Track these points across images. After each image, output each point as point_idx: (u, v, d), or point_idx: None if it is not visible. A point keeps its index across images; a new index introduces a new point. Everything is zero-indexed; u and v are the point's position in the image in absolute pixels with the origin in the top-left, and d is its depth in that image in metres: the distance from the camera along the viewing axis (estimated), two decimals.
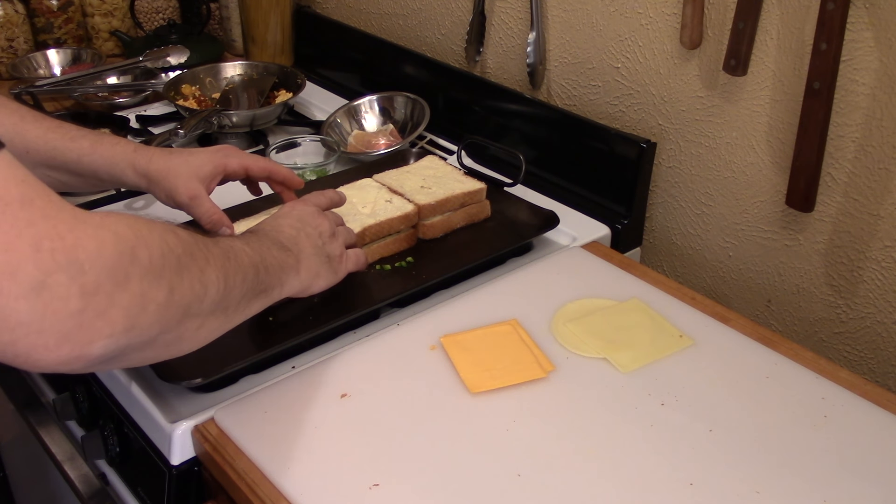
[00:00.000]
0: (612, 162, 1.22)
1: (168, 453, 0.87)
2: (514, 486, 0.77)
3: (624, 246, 1.22)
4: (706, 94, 1.14)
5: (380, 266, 1.08)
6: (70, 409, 1.04)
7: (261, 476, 0.80)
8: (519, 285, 1.05)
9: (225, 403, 0.87)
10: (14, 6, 1.70)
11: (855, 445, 0.82)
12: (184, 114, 1.43)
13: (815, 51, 0.96)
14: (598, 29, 1.25)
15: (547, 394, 0.88)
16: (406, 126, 1.44)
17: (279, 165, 1.06)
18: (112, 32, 1.82)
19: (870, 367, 1.08)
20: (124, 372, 0.93)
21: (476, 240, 1.14)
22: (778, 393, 0.88)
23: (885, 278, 1.03)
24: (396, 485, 0.77)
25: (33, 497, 1.56)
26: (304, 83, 1.52)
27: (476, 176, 1.20)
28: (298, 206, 0.93)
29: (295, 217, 0.91)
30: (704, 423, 0.84)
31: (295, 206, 0.94)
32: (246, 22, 1.75)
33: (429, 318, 0.99)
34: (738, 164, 1.14)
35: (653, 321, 0.98)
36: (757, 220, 1.14)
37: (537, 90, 1.38)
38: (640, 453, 0.81)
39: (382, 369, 0.91)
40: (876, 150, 0.99)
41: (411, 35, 1.61)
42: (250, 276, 0.75)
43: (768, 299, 1.16)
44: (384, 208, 1.09)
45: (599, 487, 0.77)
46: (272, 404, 0.87)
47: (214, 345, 0.93)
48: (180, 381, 0.87)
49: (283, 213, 0.91)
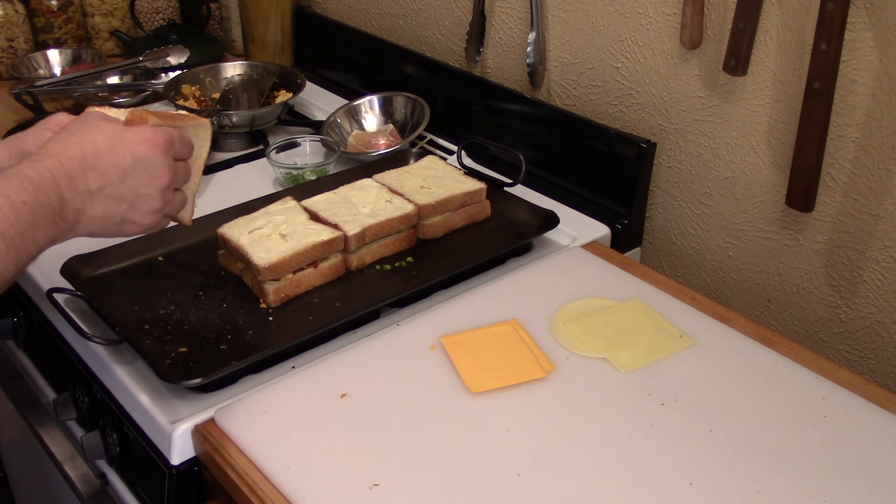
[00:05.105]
0: (612, 162, 1.22)
1: (168, 453, 0.87)
2: (514, 486, 0.77)
3: (624, 246, 1.22)
4: (706, 94, 1.14)
5: (380, 266, 1.08)
6: (70, 409, 1.04)
7: (261, 476, 0.80)
8: (519, 285, 1.05)
9: (225, 403, 0.87)
10: (14, 6, 1.70)
11: (855, 445, 0.82)
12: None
13: (815, 51, 0.96)
14: (598, 29, 1.25)
15: (547, 394, 0.88)
16: (406, 126, 1.44)
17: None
18: (112, 32, 1.82)
19: (870, 367, 1.08)
20: (125, 372, 0.93)
21: (476, 240, 1.14)
22: (778, 393, 0.88)
23: (885, 278, 1.03)
24: (396, 485, 0.77)
25: (33, 497, 1.56)
26: (304, 83, 1.52)
27: (476, 176, 1.20)
28: (152, 148, 0.80)
29: (132, 162, 0.79)
30: (704, 423, 0.84)
31: (154, 141, 0.81)
32: (246, 22, 1.75)
33: (429, 318, 0.99)
34: (738, 164, 1.14)
35: (653, 321, 0.98)
36: (757, 220, 1.14)
37: (537, 90, 1.38)
38: (641, 453, 0.81)
39: (382, 369, 0.91)
40: (876, 150, 0.99)
41: (411, 35, 1.61)
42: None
43: (768, 299, 1.16)
44: (384, 208, 1.09)
45: (599, 487, 0.77)
46: (272, 404, 0.87)
47: (214, 345, 0.93)
48: (180, 381, 0.87)
49: (125, 150, 0.78)
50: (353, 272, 1.06)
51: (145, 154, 0.80)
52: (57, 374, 1.14)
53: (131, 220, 0.82)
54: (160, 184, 0.82)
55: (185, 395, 0.89)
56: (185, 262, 1.08)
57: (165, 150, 0.82)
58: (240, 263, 1.03)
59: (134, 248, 1.08)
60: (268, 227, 1.04)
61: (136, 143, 0.79)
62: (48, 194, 0.72)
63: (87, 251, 1.05)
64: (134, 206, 0.81)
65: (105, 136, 0.79)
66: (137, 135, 0.80)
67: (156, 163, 0.81)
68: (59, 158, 0.75)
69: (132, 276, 1.05)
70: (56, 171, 0.74)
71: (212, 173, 1.35)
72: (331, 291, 1.03)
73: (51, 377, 1.17)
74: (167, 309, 0.99)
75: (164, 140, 0.82)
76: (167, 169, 0.82)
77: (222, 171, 1.36)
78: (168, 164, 0.82)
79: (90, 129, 0.79)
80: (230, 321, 0.97)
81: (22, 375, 1.23)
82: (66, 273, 1.02)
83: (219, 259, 1.07)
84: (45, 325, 1.09)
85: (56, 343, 1.06)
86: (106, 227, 0.81)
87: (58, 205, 0.73)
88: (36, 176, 0.72)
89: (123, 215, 0.81)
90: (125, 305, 0.99)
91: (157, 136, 0.81)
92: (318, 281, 1.03)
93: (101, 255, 1.06)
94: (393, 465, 0.79)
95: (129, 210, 0.81)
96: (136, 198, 0.81)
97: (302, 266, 1.01)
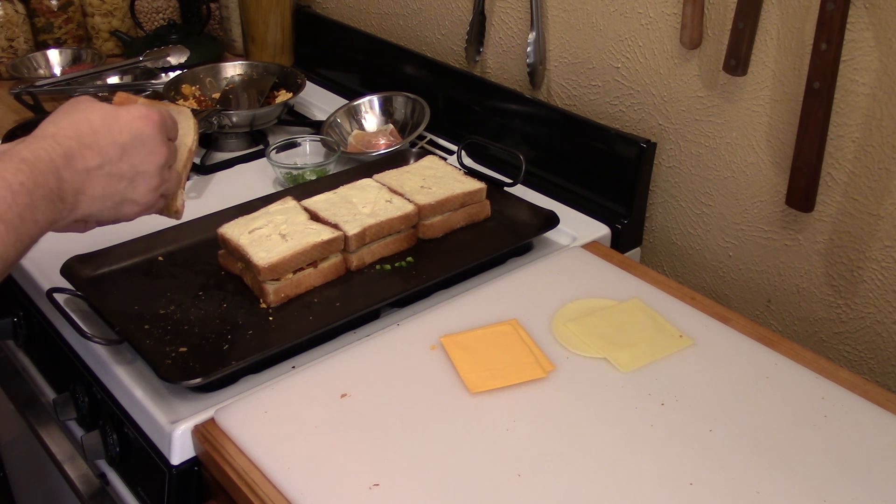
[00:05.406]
0: (612, 162, 1.22)
1: (168, 453, 0.87)
2: (514, 486, 0.77)
3: (624, 246, 1.22)
4: (706, 94, 1.14)
5: (380, 266, 1.08)
6: (70, 409, 1.04)
7: (261, 476, 0.80)
8: (519, 285, 1.05)
9: (225, 403, 0.87)
10: (14, 6, 1.70)
11: (855, 445, 0.82)
12: None
13: (815, 51, 0.96)
14: (598, 29, 1.25)
15: (547, 394, 0.88)
16: (406, 126, 1.44)
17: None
18: (112, 32, 1.82)
19: (870, 367, 1.08)
20: (125, 372, 0.93)
21: (476, 240, 1.14)
22: (778, 393, 0.88)
23: (885, 278, 1.03)
24: (396, 485, 0.77)
25: (33, 497, 1.56)
26: (304, 83, 1.52)
27: (476, 176, 1.20)
28: (148, 124, 0.80)
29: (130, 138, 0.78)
30: (704, 423, 0.84)
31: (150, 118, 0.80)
32: (246, 22, 1.75)
33: (429, 318, 0.99)
34: (738, 164, 1.14)
35: (653, 321, 0.98)
36: (757, 220, 1.14)
37: (537, 90, 1.38)
38: (640, 453, 0.81)
39: (382, 369, 0.91)
40: (876, 150, 0.99)
41: (411, 35, 1.61)
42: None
43: (768, 299, 1.16)
44: (384, 208, 1.09)
45: (599, 487, 0.77)
46: (272, 404, 0.87)
47: (214, 345, 0.93)
48: (180, 381, 0.87)
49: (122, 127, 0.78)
50: (353, 272, 1.06)
51: (142, 130, 0.80)
52: (57, 374, 1.14)
53: (130, 198, 0.81)
54: (158, 160, 0.82)
55: (185, 395, 0.89)
56: (185, 262, 1.08)
57: (161, 127, 0.82)
58: (240, 263, 1.03)
59: (134, 248, 1.08)
60: (268, 227, 1.04)
61: (132, 120, 0.79)
62: (46, 175, 0.71)
63: (87, 251, 1.05)
64: (133, 183, 0.80)
65: (100, 114, 0.78)
66: (132, 112, 0.80)
67: (153, 139, 0.81)
68: (56, 138, 0.74)
69: (132, 276, 1.05)
70: (53, 151, 0.73)
71: (212, 173, 1.35)
72: (331, 291, 1.03)
73: (51, 377, 1.17)
74: (167, 309, 0.99)
75: (159, 116, 0.82)
76: (163, 145, 0.82)
77: (222, 171, 1.36)
78: (163, 140, 0.82)
79: (84, 109, 0.78)
80: (230, 321, 0.97)
81: (22, 375, 1.23)
82: (66, 273, 1.02)
83: (219, 259, 1.07)
84: (45, 325, 1.09)
85: (56, 343, 1.06)
86: (106, 208, 0.80)
87: (56, 185, 0.72)
88: (32, 156, 0.71)
89: (123, 193, 0.80)
90: (125, 305, 0.99)
91: (152, 112, 0.81)
92: (318, 281, 1.03)
93: (101, 255, 1.06)
94: (393, 465, 0.79)
95: (129, 188, 0.80)
96: (135, 175, 0.80)
97: (302, 266, 1.01)
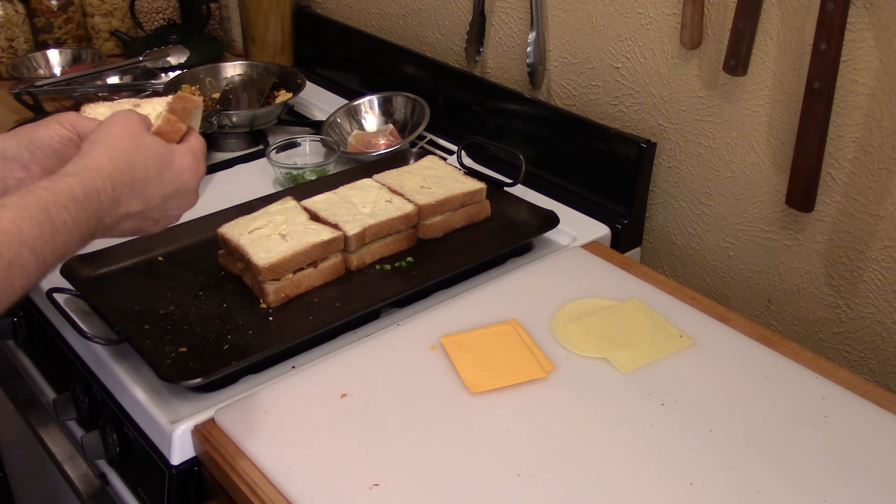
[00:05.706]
0: (612, 162, 1.22)
1: (168, 453, 0.87)
2: (514, 486, 0.77)
3: (624, 246, 1.22)
4: (706, 94, 1.14)
5: (380, 266, 1.08)
6: (70, 409, 1.04)
7: (261, 476, 0.80)
8: (519, 285, 1.05)
9: (225, 403, 0.87)
10: (14, 6, 1.70)
11: (855, 445, 0.82)
12: None
13: (815, 51, 0.96)
14: (598, 29, 1.25)
15: (547, 394, 0.88)
16: (406, 126, 1.44)
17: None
18: (112, 32, 1.82)
19: (870, 367, 1.08)
20: (125, 372, 0.93)
21: (476, 240, 1.14)
22: (778, 393, 0.88)
23: (885, 278, 1.03)
24: (396, 485, 0.77)
25: (33, 497, 1.56)
26: (304, 83, 1.52)
27: (476, 176, 1.20)
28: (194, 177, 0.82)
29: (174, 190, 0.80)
30: (704, 423, 0.84)
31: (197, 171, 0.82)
32: (246, 22, 1.75)
33: (429, 318, 0.99)
34: (738, 164, 1.14)
35: (653, 321, 0.98)
36: (757, 220, 1.14)
37: (537, 90, 1.38)
38: (640, 453, 0.81)
39: (382, 369, 0.91)
40: (876, 150, 0.99)
41: (411, 35, 1.61)
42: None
43: (768, 299, 1.16)
44: (384, 208, 1.09)
45: (599, 487, 0.77)
46: (272, 404, 0.87)
47: (214, 345, 0.93)
48: (180, 381, 0.87)
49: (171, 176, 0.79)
50: (353, 272, 1.06)
51: (187, 183, 0.81)
52: (57, 374, 1.14)
53: (144, 230, 0.83)
54: (188, 207, 0.84)
55: (185, 395, 0.89)
56: (185, 262, 1.08)
57: (202, 178, 0.83)
58: (240, 263, 1.03)
59: (134, 248, 1.08)
60: (268, 227, 1.04)
61: (181, 171, 0.80)
62: (89, 217, 0.72)
63: (87, 251, 1.05)
64: (157, 223, 0.82)
65: (155, 159, 0.78)
66: (183, 162, 0.81)
67: (192, 190, 0.82)
68: (112, 181, 0.74)
69: (132, 276, 1.05)
70: (104, 195, 0.73)
71: (212, 173, 1.35)
72: (331, 291, 1.03)
73: (51, 377, 1.17)
74: (167, 309, 0.99)
75: (203, 169, 0.83)
76: (196, 194, 0.84)
77: (222, 171, 1.36)
78: (197, 187, 0.84)
79: (142, 149, 0.78)
80: (230, 321, 0.97)
81: (22, 375, 1.23)
82: (66, 273, 1.02)
83: (219, 259, 1.07)
84: (45, 325, 1.09)
85: (56, 343, 1.06)
86: (122, 236, 0.82)
87: (94, 225, 0.73)
88: (83, 196, 0.71)
89: (144, 229, 0.82)
90: (125, 305, 0.99)
91: (200, 165, 0.83)
92: (318, 281, 1.03)
93: (101, 255, 1.06)
94: (393, 465, 0.79)
95: (152, 226, 0.82)
96: (163, 217, 0.82)
97: (302, 266, 1.01)
